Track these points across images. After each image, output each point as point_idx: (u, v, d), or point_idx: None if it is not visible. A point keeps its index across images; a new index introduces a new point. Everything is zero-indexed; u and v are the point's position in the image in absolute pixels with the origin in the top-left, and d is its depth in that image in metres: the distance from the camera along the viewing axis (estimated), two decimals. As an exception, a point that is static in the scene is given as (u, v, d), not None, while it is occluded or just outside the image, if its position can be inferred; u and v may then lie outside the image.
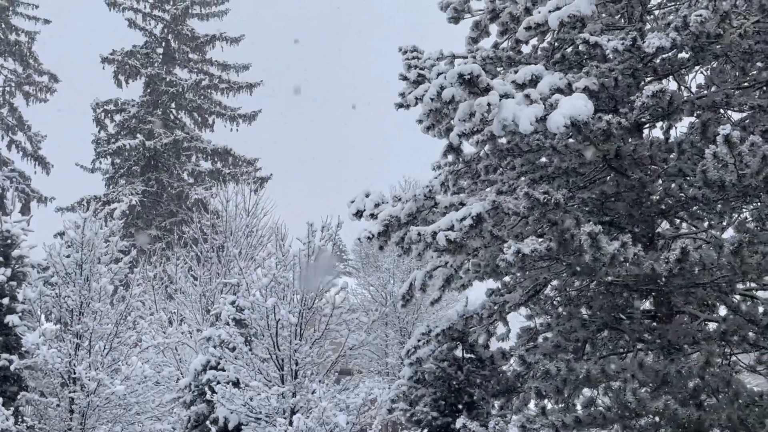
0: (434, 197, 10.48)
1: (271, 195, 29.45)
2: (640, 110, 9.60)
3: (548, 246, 8.34)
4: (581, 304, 11.55)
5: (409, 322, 25.77)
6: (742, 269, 8.62)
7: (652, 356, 10.45)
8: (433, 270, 11.79)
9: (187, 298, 20.28)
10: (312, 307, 14.07)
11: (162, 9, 38.42)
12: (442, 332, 11.70)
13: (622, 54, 9.46)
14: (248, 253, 21.98)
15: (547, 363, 9.51)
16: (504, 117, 8.26)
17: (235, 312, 14.65)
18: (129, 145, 35.63)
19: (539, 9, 10.23)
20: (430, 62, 11.44)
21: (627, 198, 10.17)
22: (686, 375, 9.15)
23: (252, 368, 13.84)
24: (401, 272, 26.19)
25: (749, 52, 9.90)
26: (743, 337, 9.75)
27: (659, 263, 8.50)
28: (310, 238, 14.15)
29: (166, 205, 35.86)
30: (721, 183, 8.53)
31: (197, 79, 37.95)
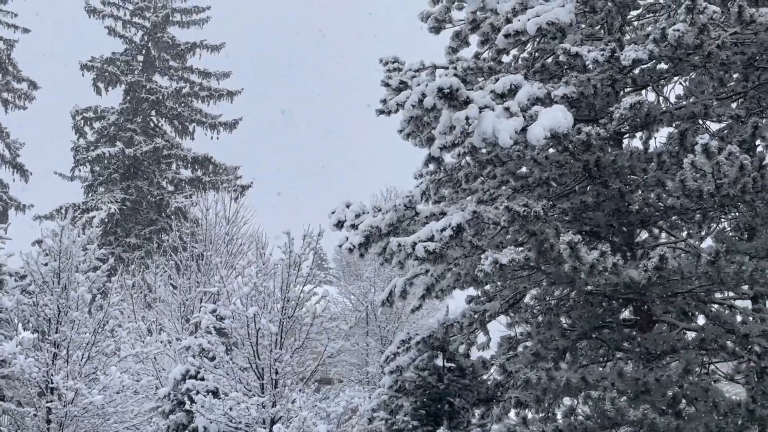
0: (415, 207, 10.50)
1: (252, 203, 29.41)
2: (619, 121, 9.67)
3: (527, 256, 8.36)
4: (561, 313, 11.59)
5: (390, 331, 25.75)
6: (720, 278, 8.68)
7: (631, 365, 10.50)
8: (414, 278, 11.80)
9: (166, 307, 20.17)
10: (293, 316, 14.03)
11: (142, 16, 38.27)
12: (422, 340, 11.70)
13: (601, 65, 9.52)
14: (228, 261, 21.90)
15: (528, 372, 9.52)
16: (484, 130, 8.29)
17: (215, 321, 14.58)
18: (108, 152, 35.41)
19: (519, 18, 10.29)
20: (411, 73, 11.47)
21: (606, 208, 10.22)
22: (665, 384, 9.19)
23: (232, 377, 13.77)
24: (382, 281, 26.18)
25: (727, 63, 9.99)
26: (721, 345, 9.81)
27: (638, 272, 8.54)
28: (290, 247, 14.12)
29: (146, 213, 35.65)
30: (699, 193, 8.59)
31: (178, 87, 37.81)
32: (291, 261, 14.15)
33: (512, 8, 10.68)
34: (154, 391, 15.92)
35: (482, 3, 11.25)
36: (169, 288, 20.59)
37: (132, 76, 37.23)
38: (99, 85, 37.05)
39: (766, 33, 9.17)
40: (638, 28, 12.47)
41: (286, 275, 14.10)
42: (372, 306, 25.59)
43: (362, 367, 26.34)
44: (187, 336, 17.12)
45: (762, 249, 8.78)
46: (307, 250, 14.43)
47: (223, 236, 22.64)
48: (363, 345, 26.15)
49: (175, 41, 38.47)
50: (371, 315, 25.84)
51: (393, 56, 11.77)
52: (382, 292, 12.21)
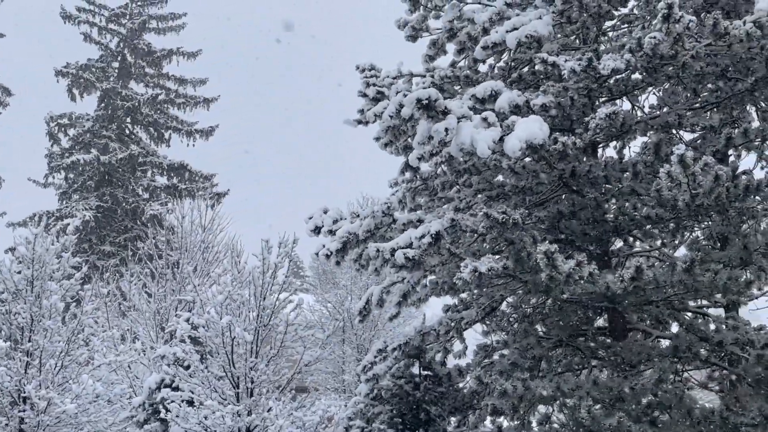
0: (392, 214, 10.51)
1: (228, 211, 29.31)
2: (595, 130, 9.74)
3: (505, 264, 8.40)
4: (537, 321, 11.64)
5: (366, 339, 25.72)
6: (694, 287, 8.76)
7: (606, 373, 10.56)
8: (391, 286, 11.80)
9: (140, 315, 20.02)
10: (268, 324, 13.97)
11: (118, 23, 38.08)
12: (399, 348, 11.70)
13: (578, 74, 9.59)
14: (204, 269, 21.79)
15: (503, 380, 9.55)
16: (462, 141, 8.32)
17: (190, 329, 14.49)
18: (83, 159, 35.13)
19: (497, 29, 10.35)
20: (389, 81, 11.50)
21: (582, 217, 10.28)
22: (640, 392, 9.25)
23: (207, 386, 13.68)
24: (359, 289, 26.15)
25: (701, 74, 10.11)
26: (695, 353, 9.90)
27: (614, 281, 8.60)
28: (265, 255, 14.07)
29: (121, 221, 35.38)
30: (674, 202, 8.67)
31: (153, 94, 37.62)
32: (266, 268, 14.09)
33: (489, 18, 10.75)
34: (128, 400, 15.78)
35: (459, 12, 11.31)
36: (143, 296, 20.45)
37: (107, 83, 36.99)
38: (74, 92, 36.80)
39: (739, 45, 9.28)
40: (613, 39, 12.58)
41: (262, 283, 14.05)
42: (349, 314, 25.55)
43: (338, 375, 26.27)
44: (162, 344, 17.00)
45: (735, 258, 8.87)
46: (283, 257, 14.38)
47: (198, 244, 22.52)
48: (339, 353, 26.09)
49: (151, 48, 38.31)
50: (348, 323, 25.80)
51: (370, 63, 11.80)
52: (359, 301, 12.20)
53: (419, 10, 11.84)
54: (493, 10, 10.78)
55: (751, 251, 8.82)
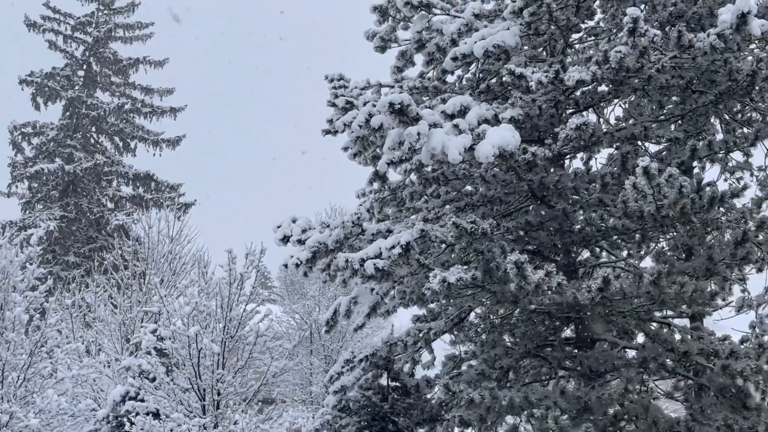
0: (362, 224, 10.49)
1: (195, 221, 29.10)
2: (564, 141, 9.81)
3: (473, 275, 8.40)
4: (505, 332, 11.67)
5: (334, 350, 25.64)
6: (660, 298, 8.83)
7: (573, 383, 10.61)
8: (359, 296, 11.77)
9: (106, 327, 19.75)
10: (235, 335, 13.86)
11: (84, 31, 37.70)
12: (366, 359, 11.66)
13: (545, 86, 9.66)
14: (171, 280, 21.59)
15: (471, 391, 9.55)
16: (433, 146, 8.33)
17: (155, 341, 14.33)
18: (47, 169, 34.69)
19: (465, 40, 10.40)
20: (357, 91, 11.50)
21: (550, 227, 10.34)
22: (606, 402, 9.30)
23: (173, 399, 13.54)
24: (327, 299, 26.09)
25: (666, 87, 10.22)
26: (661, 364, 9.98)
27: (581, 292, 8.64)
28: (231, 266, 13.97)
29: (86, 231, 34.95)
30: (640, 213, 8.75)
31: (119, 103, 37.27)
32: (233, 279, 14.00)
33: (457, 29, 10.80)
34: (92, 414, 15.55)
35: (428, 23, 11.35)
36: (109, 307, 20.19)
37: (72, 92, 36.59)
38: (38, 101, 36.33)
39: (703, 58, 9.41)
40: (580, 51, 12.70)
41: (229, 294, 13.95)
42: (316, 325, 25.46)
43: (306, 386, 26.15)
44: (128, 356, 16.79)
45: (700, 269, 8.97)
46: (250, 268, 14.29)
47: (166, 255, 22.32)
48: (307, 364, 25.98)
49: (117, 57, 37.99)
50: (315, 334, 25.72)
51: (338, 74, 11.80)
52: (327, 311, 12.15)
53: (388, 21, 11.87)
54: (462, 21, 10.83)
55: (715, 262, 8.92)
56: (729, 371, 9.13)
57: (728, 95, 10.19)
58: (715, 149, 10.33)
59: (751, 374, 9.09)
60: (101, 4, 38.13)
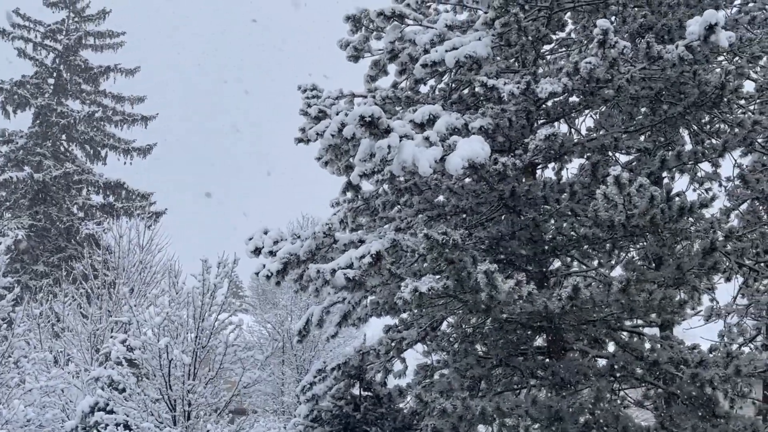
0: (333, 234, 10.47)
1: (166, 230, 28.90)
2: (534, 152, 9.87)
3: (445, 284, 8.41)
4: (477, 341, 11.69)
5: (306, 360, 25.53)
6: (630, 307, 8.89)
7: (544, 392, 10.64)
8: (331, 306, 11.75)
9: (75, 337, 19.53)
10: (206, 345, 13.77)
11: (54, 39, 37.37)
12: (338, 368, 11.63)
13: (517, 97, 9.72)
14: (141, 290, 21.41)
15: (443, 401, 9.55)
16: (404, 159, 8.34)
17: (125, 351, 14.19)
18: (16, 177, 34.29)
19: (437, 48, 10.44)
20: (330, 101, 11.50)
21: (521, 237, 10.38)
22: (577, 410, 9.34)
23: (143, 409, 13.41)
24: (299, 309, 25.98)
25: (636, 98, 10.33)
26: (631, 372, 10.05)
27: (552, 301, 8.68)
28: (204, 276, 13.89)
29: (55, 240, 34.56)
30: (610, 223, 8.81)
31: (90, 111, 36.96)
32: (205, 289, 13.91)
33: (430, 40, 10.85)
34: (60, 425, 15.34)
35: (401, 33, 11.39)
36: (78, 317, 19.96)
37: (42, 99, 36.24)
38: (7, 109, 35.93)
39: (672, 69, 9.52)
40: (551, 62, 12.81)
41: (201, 304, 13.85)
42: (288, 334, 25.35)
43: (278, 396, 26.00)
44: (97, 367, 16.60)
45: (669, 278, 9.04)
46: (222, 277, 14.22)
47: (136, 264, 22.13)
48: (279, 374, 25.84)
49: (88, 64, 37.69)
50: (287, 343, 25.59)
51: (312, 84, 11.79)
52: (299, 321, 12.11)
53: (361, 31, 11.89)
54: (434, 32, 10.88)
55: (684, 271, 8.99)
56: (698, 380, 9.21)
57: (697, 106, 10.31)
58: (684, 160, 10.43)
59: (720, 383, 9.18)
60: (72, 11, 37.84)
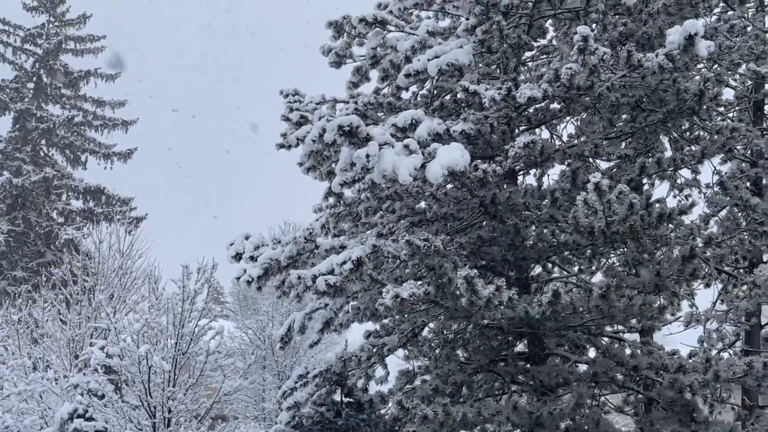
0: (315, 240, 10.45)
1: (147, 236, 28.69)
2: (514, 158, 9.90)
3: (426, 290, 8.42)
4: (458, 347, 11.71)
5: (288, 366, 25.44)
6: (610, 312, 8.94)
7: (525, 398, 10.67)
8: (313, 312, 11.72)
9: (54, 343, 19.35)
10: (187, 352, 13.70)
11: (34, 43, 37.12)
12: (320, 374, 11.60)
13: (498, 103, 9.75)
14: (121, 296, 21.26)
15: (425, 407, 9.55)
16: (384, 168, 8.34)
17: (105, 358, 14.08)
18: (-6, 182, 34.02)
19: (419, 57, 10.46)
20: (312, 106, 11.49)
21: (502, 243, 10.41)
22: (558, 416, 9.37)
23: (122, 416, 13.31)
24: (280, 315, 25.90)
25: (616, 105, 10.39)
26: (612, 378, 10.09)
27: (532, 306, 8.71)
28: (184, 282, 13.82)
29: (34, 246, 34.29)
30: (591, 229, 8.85)
31: (70, 115, 36.72)
32: (185, 295, 13.84)
33: (411, 46, 10.88)
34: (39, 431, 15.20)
35: (382, 40, 11.41)
36: (57, 323, 19.78)
37: (22, 104, 35.98)
38: (-15, 113, 35.67)
39: (652, 77, 9.59)
40: (532, 69, 12.87)
41: (180, 310, 13.78)
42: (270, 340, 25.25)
43: (258, 403, 25.89)
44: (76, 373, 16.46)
45: (649, 284, 9.09)
46: (202, 283, 14.15)
47: (116, 270, 21.98)
48: (260, 381, 25.73)
49: (69, 69, 37.45)
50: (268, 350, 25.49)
51: (294, 89, 11.78)
52: (281, 327, 12.07)
53: (343, 37, 11.89)
54: (416, 38, 10.91)
55: (664, 277, 9.05)
56: (678, 385, 9.26)
57: (676, 114, 10.39)
58: (663, 166, 10.51)
59: (699, 388, 9.24)
60: (52, 16, 37.61)
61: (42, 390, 16.34)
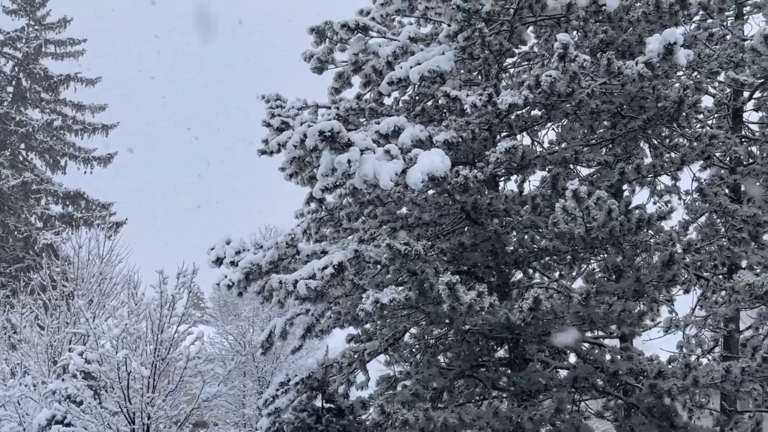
0: (296, 245, 10.44)
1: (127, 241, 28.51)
2: (496, 164, 9.93)
3: (407, 296, 8.42)
4: (439, 352, 11.71)
5: (268, 372, 25.33)
6: (590, 318, 8.98)
7: (506, 403, 10.69)
8: (294, 318, 11.69)
9: (32, 349, 19.18)
10: (166, 358, 13.61)
11: (13, 47, 36.85)
12: (302, 381, 11.57)
13: (479, 109, 9.78)
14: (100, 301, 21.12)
15: (406, 412, 9.55)
16: (365, 173, 8.35)
17: (83, 364, 13.97)
18: (-28, 186, 33.73)
19: (401, 63, 10.48)
20: (294, 111, 11.47)
21: (483, 248, 10.44)
22: (539, 421, 9.39)
23: (101, 423, 13.20)
24: (261, 320, 25.78)
25: (597, 112, 10.46)
26: (592, 383, 10.13)
27: (513, 312, 8.73)
28: (162, 287, 13.74)
29: (12, 251, 33.99)
30: (570, 235, 8.89)
31: (49, 120, 36.47)
32: (164, 300, 13.76)
33: (393, 52, 10.89)
34: (16, 438, 15.07)
35: (364, 46, 11.42)
36: (35, 329, 19.61)
37: (0, 108, 35.71)
38: (-37, 117, 35.37)
39: (632, 84, 9.65)
40: (514, 75, 12.92)
41: (159, 315, 13.70)
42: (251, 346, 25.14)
43: (239, 409, 25.74)
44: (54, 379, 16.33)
45: (629, 289, 9.14)
46: (182, 288, 14.07)
47: (96, 275, 21.83)
48: (240, 387, 25.59)
49: (48, 73, 37.20)
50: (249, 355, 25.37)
51: (275, 94, 11.76)
52: (262, 332, 12.03)
53: (325, 43, 11.89)
54: (398, 44, 10.93)
55: (643, 283, 9.10)
56: (657, 390, 9.31)
57: (656, 121, 10.46)
58: (643, 173, 10.58)
59: (679, 393, 9.29)
60: (32, 19, 37.37)
61: (20, 396, 16.18)
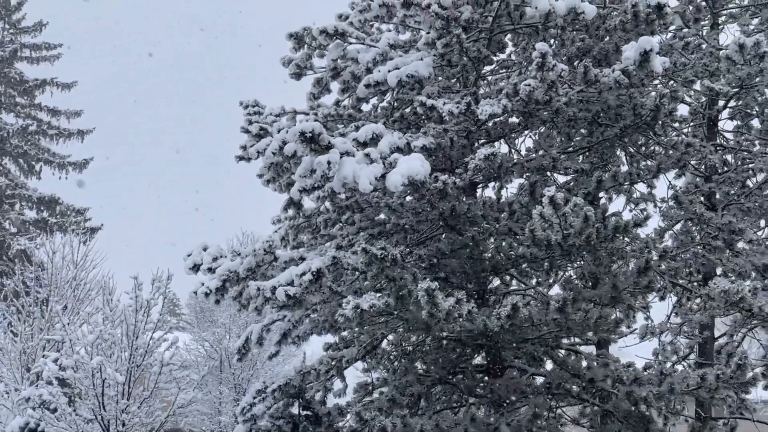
0: (274, 252, 10.40)
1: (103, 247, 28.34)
2: (474, 171, 9.96)
3: (386, 302, 8.41)
4: (417, 359, 11.70)
5: (245, 379, 25.24)
6: (567, 325, 9.01)
7: (483, 410, 10.70)
8: (271, 324, 11.64)
9: (5, 356, 18.98)
10: (141, 364, 13.52)
11: (-12, 50, 36.59)
12: (279, 388, 11.51)
13: (457, 117, 9.81)
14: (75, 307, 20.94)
15: (383, 419, 9.52)
16: (344, 175, 8.34)
17: (57, 370, 13.84)
18: (-55, 191, 33.36)
19: (380, 68, 10.49)
20: (272, 117, 11.45)
21: (461, 255, 10.45)
22: (516, 428, 9.41)
23: (75, 430, 13.08)
24: (238, 327, 25.69)
25: (574, 119, 10.52)
26: (568, 390, 10.16)
27: (491, 319, 8.75)
28: (137, 292, 13.65)
29: (-15, 256, 33.65)
30: (547, 242, 8.91)
31: (24, 124, 36.19)
32: (139, 306, 13.67)
33: (372, 58, 10.90)
34: (-12, 446, 14.89)
35: (343, 51, 11.42)
36: (9, 335, 19.41)
37: (-26, 112, 35.39)
38: (-63, 121, 35.00)
39: (608, 92, 9.72)
40: (492, 83, 12.98)
41: (134, 321, 13.61)
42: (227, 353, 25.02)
43: (215, 416, 25.61)
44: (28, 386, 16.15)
45: (605, 296, 9.18)
46: (157, 294, 13.99)
47: (70, 281, 21.65)
48: (216, 393, 25.46)
49: (24, 77, 36.92)
50: (225, 362, 25.26)
51: (254, 100, 11.73)
52: (238, 339, 11.97)
53: (304, 48, 11.88)
54: (377, 50, 10.94)
55: (620, 290, 9.14)
56: (633, 397, 9.36)
57: (633, 129, 10.54)
58: (620, 180, 10.65)
59: (654, 400, 9.35)
60: (7, 23, 37.08)
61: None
